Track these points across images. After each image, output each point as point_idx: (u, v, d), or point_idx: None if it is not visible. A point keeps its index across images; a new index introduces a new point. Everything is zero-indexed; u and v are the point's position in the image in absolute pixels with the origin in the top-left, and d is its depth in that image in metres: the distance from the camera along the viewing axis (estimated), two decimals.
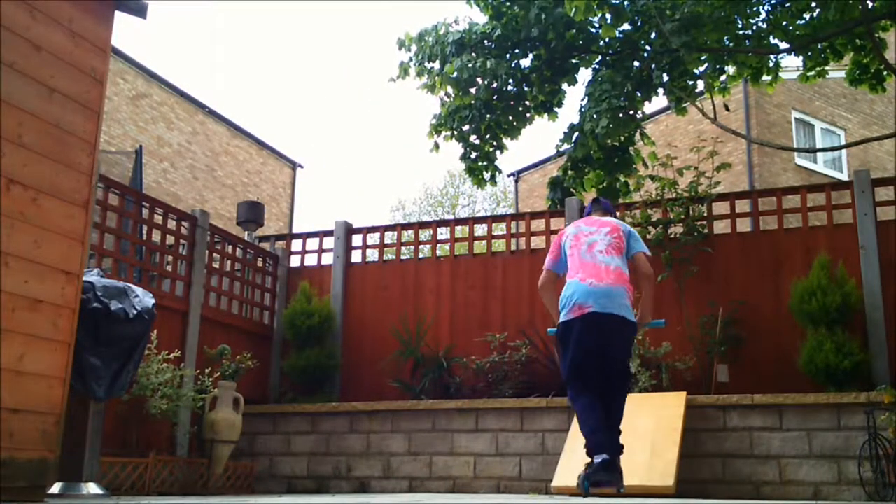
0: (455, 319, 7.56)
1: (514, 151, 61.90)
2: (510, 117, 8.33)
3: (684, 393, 5.94)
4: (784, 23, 7.83)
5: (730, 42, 7.91)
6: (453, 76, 7.88)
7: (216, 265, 7.44)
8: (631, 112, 7.76)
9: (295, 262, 8.42)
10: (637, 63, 8.04)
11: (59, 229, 3.62)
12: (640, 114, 8.18)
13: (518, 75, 8.10)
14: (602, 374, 4.71)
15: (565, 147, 8.29)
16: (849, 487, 5.47)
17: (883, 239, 6.35)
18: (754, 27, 8.01)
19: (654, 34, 7.76)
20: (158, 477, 5.73)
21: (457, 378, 7.10)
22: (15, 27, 3.47)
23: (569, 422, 6.03)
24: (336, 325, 7.77)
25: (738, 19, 7.73)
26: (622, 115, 7.41)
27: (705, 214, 6.96)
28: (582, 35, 8.01)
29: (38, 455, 3.48)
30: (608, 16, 7.59)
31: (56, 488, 4.38)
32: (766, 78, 8.36)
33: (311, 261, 8.38)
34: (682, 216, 6.91)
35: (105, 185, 6.25)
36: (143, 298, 4.94)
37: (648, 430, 5.62)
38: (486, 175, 8.68)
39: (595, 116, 7.31)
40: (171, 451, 6.35)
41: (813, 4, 7.64)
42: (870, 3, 7.29)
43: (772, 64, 8.23)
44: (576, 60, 8.20)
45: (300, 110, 53.19)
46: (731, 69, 8.31)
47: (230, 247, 7.78)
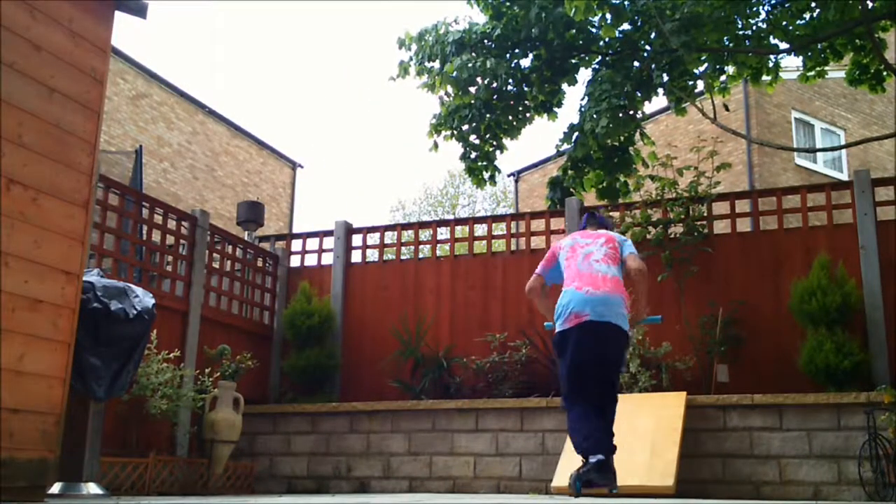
0: (455, 319, 7.56)
1: (514, 151, 61.88)
2: (510, 117, 8.33)
3: (684, 393, 5.94)
4: (784, 23, 7.83)
5: (730, 42, 7.91)
6: (453, 75, 7.88)
7: (216, 265, 7.44)
8: (631, 112, 7.75)
9: (295, 262, 8.42)
10: (637, 63, 8.03)
11: (59, 229, 3.62)
12: (640, 114, 8.17)
13: (518, 75, 8.09)
14: (596, 382, 4.71)
15: (565, 147, 8.28)
16: (849, 487, 5.47)
17: (883, 239, 6.35)
18: (754, 27, 8.01)
19: (654, 34, 7.76)
20: (158, 477, 5.73)
21: (457, 378, 7.10)
22: (15, 27, 3.47)
23: None
24: (336, 325, 7.77)
25: (737, 19, 7.73)
26: (622, 114, 7.41)
27: (705, 214, 6.96)
28: (582, 35, 8.01)
29: (38, 455, 3.48)
30: (608, 16, 7.58)
31: (56, 488, 4.38)
32: (766, 78, 8.35)
33: (311, 261, 8.39)
34: (682, 216, 6.91)
35: (105, 185, 6.26)
36: (143, 298, 4.94)
37: (648, 430, 5.63)
38: (486, 175, 8.68)
39: (595, 116, 7.30)
40: (171, 451, 6.35)
41: (813, 4, 7.64)
42: (870, 3, 7.29)
43: (772, 64, 8.23)
44: (575, 60, 8.20)
45: (300, 110, 53.22)
46: (731, 69, 8.31)
47: (230, 247, 7.78)
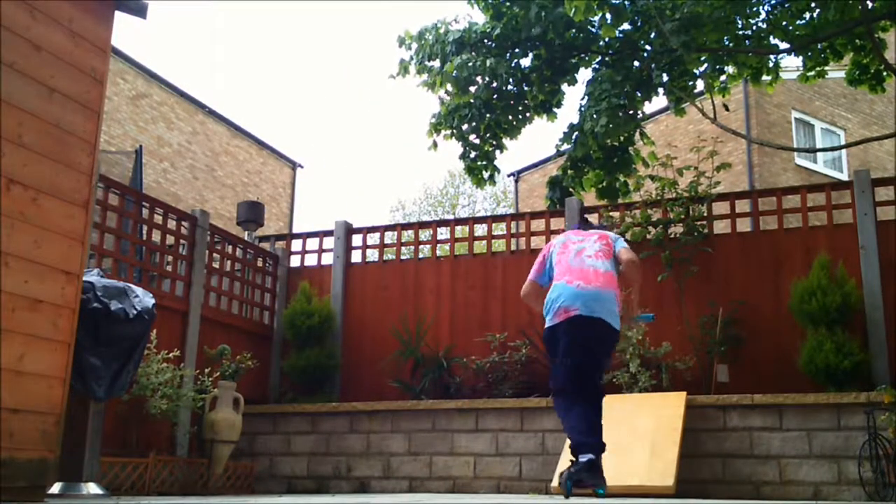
0: (455, 319, 7.55)
1: (514, 151, 61.91)
2: (510, 117, 8.33)
3: (684, 393, 5.93)
4: (784, 23, 7.82)
5: (730, 42, 7.91)
6: (453, 75, 7.87)
7: (216, 265, 7.44)
8: (630, 112, 7.75)
9: (295, 262, 8.42)
10: (637, 63, 8.03)
11: (59, 229, 3.62)
12: (639, 114, 8.17)
13: (518, 74, 8.09)
14: (583, 377, 4.69)
15: (565, 147, 8.28)
16: (849, 487, 5.47)
17: (883, 239, 6.35)
18: (754, 27, 8.01)
19: (654, 34, 7.76)
20: (158, 477, 5.72)
21: (457, 378, 7.10)
22: (15, 27, 3.47)
23: None
24: (336, 325, 7.77)
25: (737, 19, 7.72)
26: (622, 114, 7.41)
27: (705, 214, 6.95)
28: (582, 35, 8.00)
29: (38, 455, 3.48)
30: (608, 16, 7.58)
31: (56, 488, 4.38)
32: (766, 78, 8.35)
33: (311, 261, 8.38)
34: (682, 216, 6.90)
35: (105, 185, 6.26)
36: (143, 298, 4.94)
37: (648, 430, 5.63)
38: (486, 174, 8.67)
39: (595, 116, 7.30)
40: (171, 451, 6.35)
41: (813, 4, 7.63)
42: (870, 3, 7.29)
43: (772, 64, 8.22)
44: (575, 60, 8.20)
45: (300, 110, 53.22)
46: (730, 69, 8.31)
47: (230, 247, 7.78)
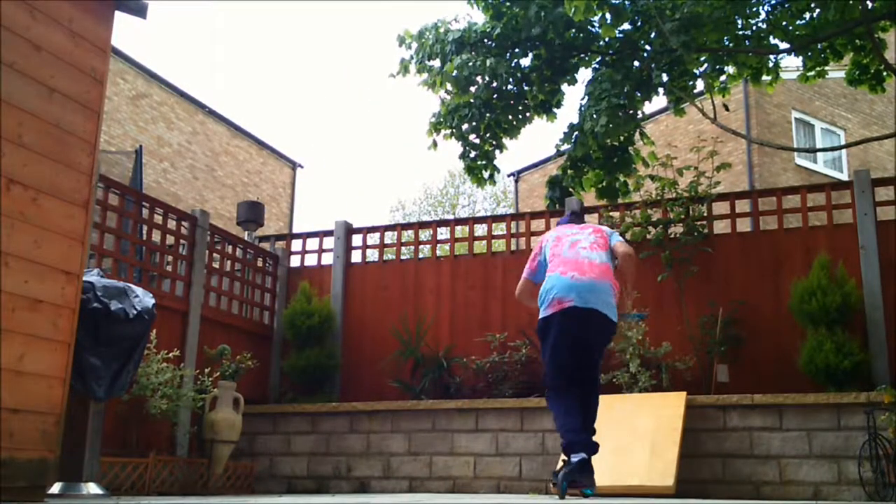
0: (455, 319, 7.56)
1: (514, 151, 61.92)
2: (510, 116, 8.32)
3: (684, 393, 5.93)
4: (784, 23, 7.82)
5: (729, 42, 7.90)
6: (453, 74, 7.87)
7: (216, 265, 7.44)
8: (630, 111, 7.74)
9: (295, 262, 8.42)
10: (637, 63, 8.02)
11: (59, 229, 3.62)
12: (639, 113, 8.16)
13: (518, 74, 8.08)
14: (579, 371, 4.63)
15: (565, 147, 8.27)
16: (849, 487, 5.47)
17: (883, 239, 6.35)
18: (754, 27, 8.00)
19: (654, 34, 7.75)
20: (158, 477, 5.72)
21: (457, 378, 7.10)
22: (15, 27, 3.47)
23: None
24: (336, 325, 7.77)
25: (737, 19, 7.71)
26: (622, 113, 7.40)
27: (705, 214, 6.96)
28: (582, 35, 7.99)
29: (38, 455, 3.48)
30: (608, 16, 7.56)
31: (56, 488, 4.38)
32: (766, 78, 8.34)
33: (311, 261, 8.38)
34: (682, 216, 6.91)
35: (105, 185, 6.26)
36: (143, 298, 4.94)
37: (648, 430, 5.63)
38: (486, 174, 8.66)
39: (595, 115, 7.29)
40: (171, 451, 6.35)
41: (813, 4, 7.62)
42: (870, 3, 7.28)
43: (772, 64, 8.21)
44: (575, 60, 8.19)
45: (300, 110, 53.22)
46: (730, 69, 8.30)
47: (230, 247, 7.78)
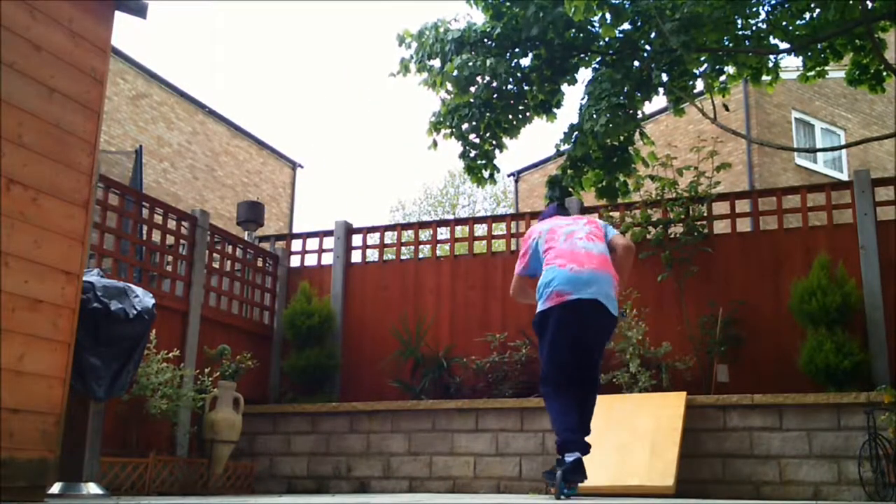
0: (455, 319, 7.55)
1: (514, 151, 61.94)
2: (510, 116, 8.31)
3: (684, 393, 5.93)
4: (784, 23, 7.81)
5: (729, 42, 7.90)
6: (454, 74, 7.87)
7: (216, 265, 7.44)
8: (630, 111, 7.74)
9: (295, 262, 8.42)
10: (637, 63, 8.02)
11: (59, 229, 3.62)
12: (639, 113, 8.16)
13: (518, 74, 8.08)
14: (578, 367, 4.55)
15: (565, 147, 8.27)
16: (849, 487, 5.47)
17: (883, 239, 6.35)
18: (754, 27, 8.00)
19: (654, 34, 7.75)
20: (158, 477, 5.72)
21: (457, 378, 7.10)
22: (15, 27, 3.47)
23: None
24: (336, 325, 7.77)
25: (737, 19, 7.71)
26: (621, 113, 7.40)
27: (705, 214, 6.96)
28: (582, 35, 7.99)
29: (38, 455, 3.48)
30: (608, 16, 7.56)
31: (56, 488, 4.38)
32: (766, 78, 8.34)
33: (311, 261, 8.38)
34: (682, 216, 6.91)
35: (105, 185, 6.25)
36: (143, 298, 4.94)
37: (648, 430, 5.63)
38: (486, 174, 8.65)
39: (594, 115, 7.29)
40: (171, 451, 6.35)
41: (813, 5, 7.62)
42: (870, 4, 7.28)
43: (772, 64, 8.21)
44: (575, 60, 8.19)
45: (300, 110, 53.23)
46: (730, 69, 8.29)
47: (230, 247, 7.78)
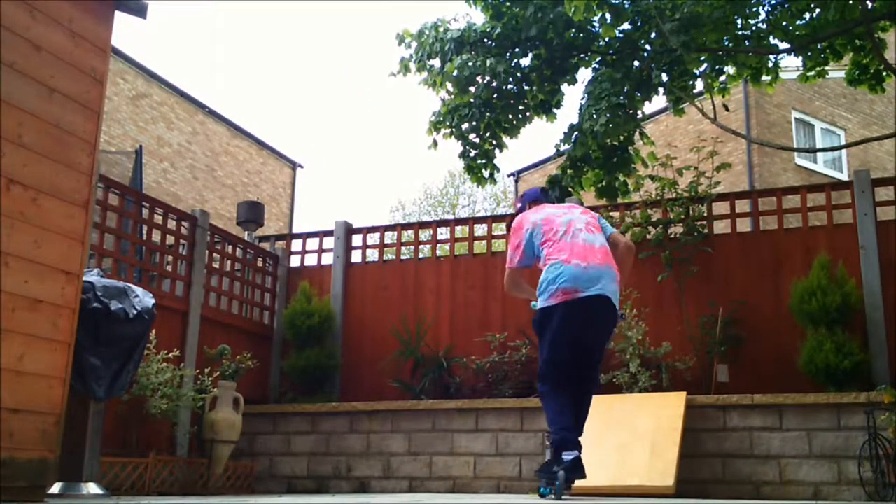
0: (455, 319, 7.55)
1: (513, 151, 61.96)
2: (510, 116, 8.31)
3: (684, 393, 5.93)
4: (784, 23, 7.81)
5: (729, 42, 7.90)
6: (454, 74, 7.87)
7: (216, 265, 7.44)
8: (630, 111, 7.74)
9: (295, 262, 8.42)
10: (637, 63, 8.02)
11: (59, 229, 3.62)
12: (639, 113, 8.16)
13: (518, 74, 8.08)
14: (580, 366, 4.48)
15: (565, 147, 8.28)
16: (849, 487, 5.47)
17: (883, 239, 6.35)
18: (754, 27, 8.00)
19: (654, 34, 7.75)
20: (158, 477, 5.72)
21: (457, 378, 7.10)
22: (15, 27, 3.47)
23: None
24: (336, 325, 7.76)
25: (737, 19, 7.71)
26: (621, 113, 7.40)
27: (705, 214, 6.96)
28: (582, 34, 7.99)
29: (38, 455, 3.48)
30: (608, 16, 7.57)
31: (56, 488, 4.38)
32: (765, 78, 8.34)
33: (311, 261, 8.38)
34: (682, 216, 6.90)
35: (105, 185, 6.25)
36: (143, 298, 4.94)
37: (648, 430, 5.63)
38: (485, 173, 8.65)
39: (594, 115, 7.29)
40: (171, 451, 6.35)
41: (813, 5, 7.62)
42: (870, 4, 7.28)
43: (771, 64, 8.21)
44: (575, 60, 8.19)
45: (300, 110, 53.23)
46: (730, 69, 8.30)
47: (230, 247, 7.78)
